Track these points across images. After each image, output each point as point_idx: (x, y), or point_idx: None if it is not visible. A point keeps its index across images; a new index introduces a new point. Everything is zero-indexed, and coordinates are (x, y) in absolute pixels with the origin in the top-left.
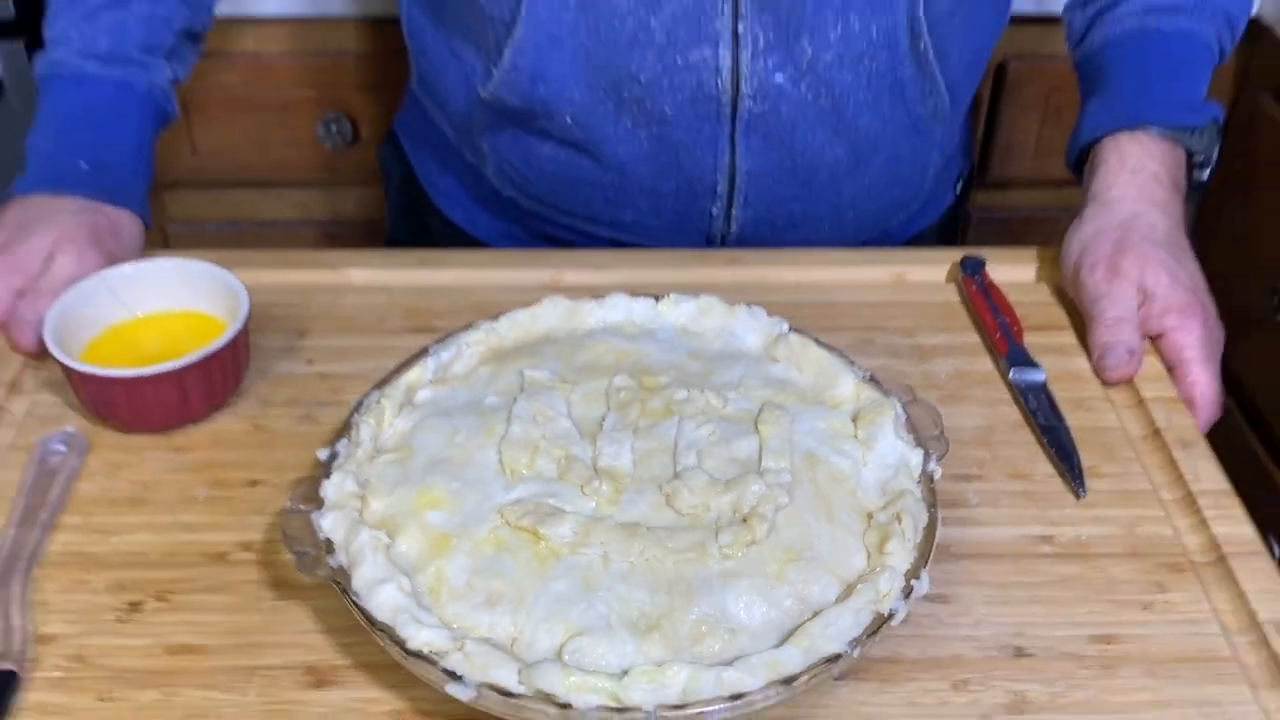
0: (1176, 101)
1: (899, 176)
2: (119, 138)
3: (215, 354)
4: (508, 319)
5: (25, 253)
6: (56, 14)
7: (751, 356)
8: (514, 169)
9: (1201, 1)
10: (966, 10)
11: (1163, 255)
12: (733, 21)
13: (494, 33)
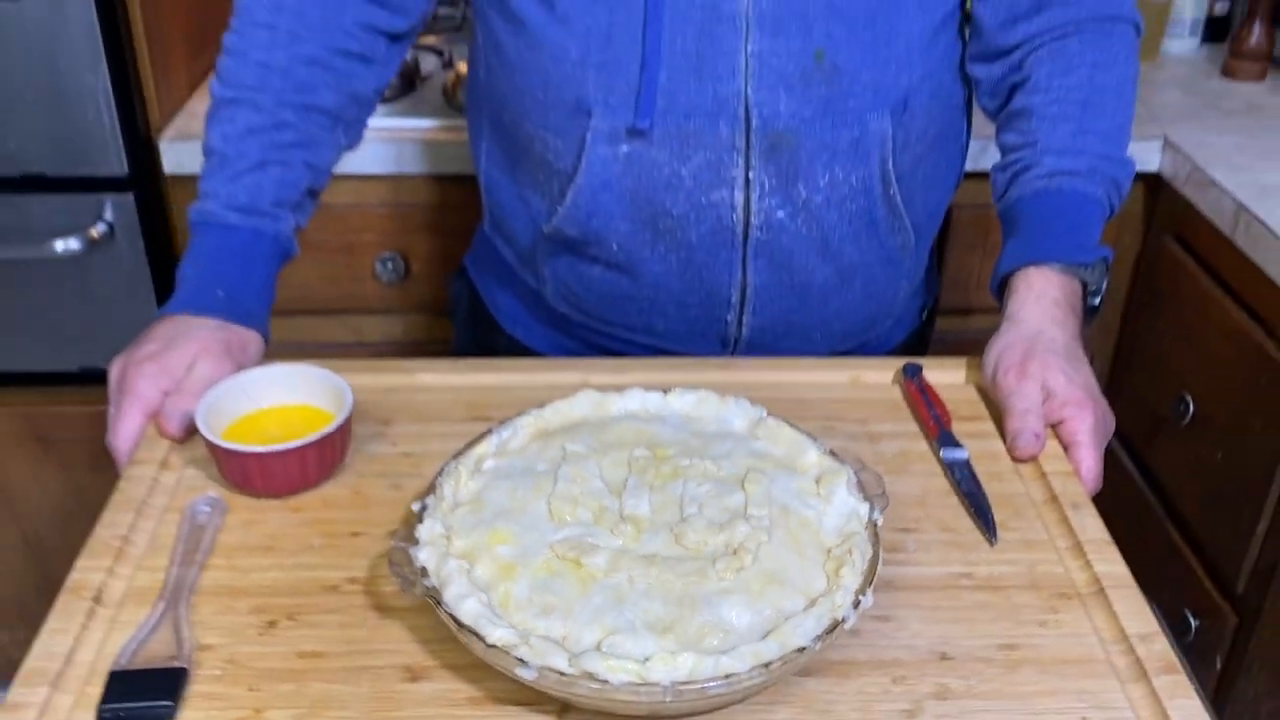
0: (1073, 244)
1: (875, 297)
2: (250, 274)
3: (327, 436)
4: (551, 408)
5: (172, 360)
6: (210, 174)
7: (739, 435)
8: (568, 289)
9: (1094, 169)
10: (928, 167)
11: (1061, 362)
12: (745, 170)
13: (558, 182)
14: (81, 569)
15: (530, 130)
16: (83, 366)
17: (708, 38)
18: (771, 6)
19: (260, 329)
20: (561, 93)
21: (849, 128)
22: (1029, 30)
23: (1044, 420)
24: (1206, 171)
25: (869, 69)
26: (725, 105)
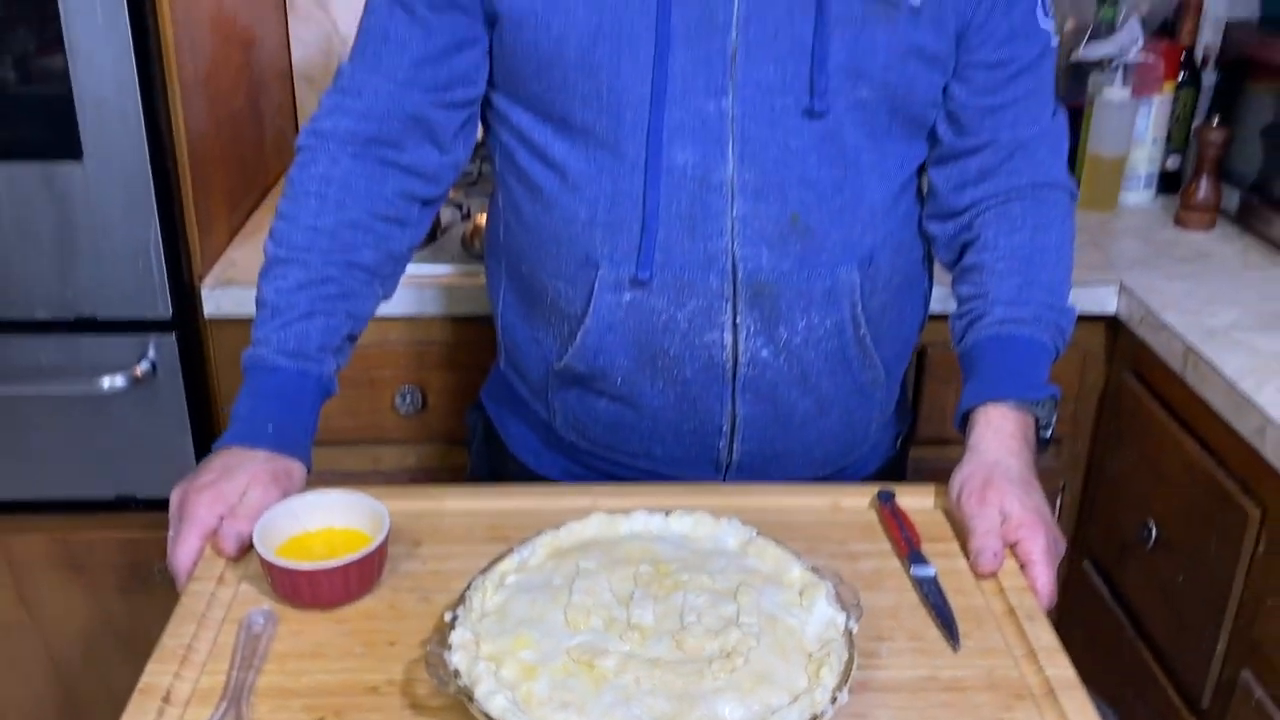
0: (1024, 384)
1: (851, 426)
2: (296, 411)
3: (367, 556)
4: (565, 529)
5: (228, 488)
6: (262, 323)
7: (731, 553)
8: (577, 419)
9: (1038, 317)
10: (894, 311)
11: (1016, 489)
12: (733, 315)
13: (569, 324)
14: (151, 673)
15: (545, 280)
16: (119, 494)
17: (699, 203)
18: (753, 177)
19: (304, 459)
20: (573, 248)
21: (822, 279)
22: (976, 195)
23: (1002, 541)
24: (1159, 315)
25: (837, 229)
26: (715, 260)
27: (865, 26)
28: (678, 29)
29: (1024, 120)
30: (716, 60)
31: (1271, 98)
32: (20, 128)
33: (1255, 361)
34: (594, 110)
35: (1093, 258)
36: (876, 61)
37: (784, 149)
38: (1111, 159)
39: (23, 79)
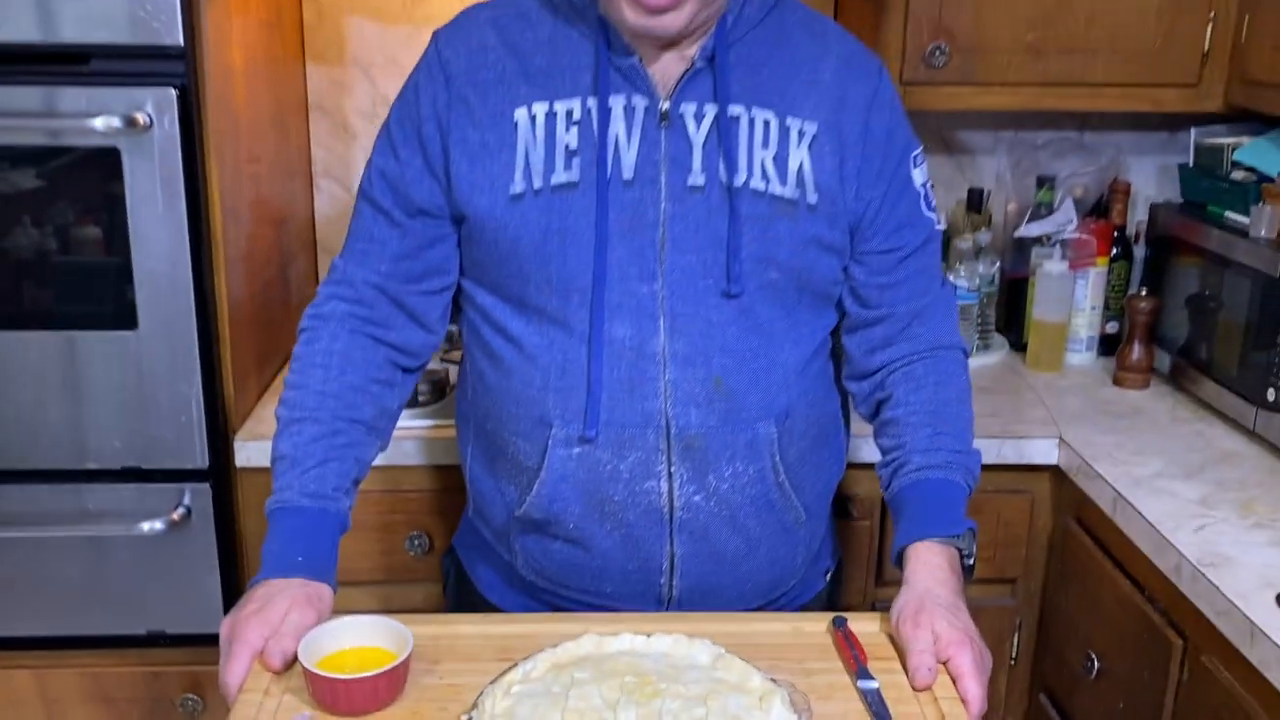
0: (945, 522)
1: (777, 563)
2: (320, 543)
3: (393, 669)
4: (562, 647)
5: (271, 613)
6: (282, 473)
7: (703, 666)
8: (535, 560)
9: (950, 461)
10: (811, 460)
11: (945, 612)
12: (668, 466)
13: (526, 476)
14: None
15: (506, 437)
16: (149, 630)
17: (636, 370)
18: (681, 347)
19: (330, 583)
20: (530, 410)
21: (743, 433)
22: (884, 358)
23: (935, 658)
24: (1092, 465)
25: (755, 390)
26: (651, 418)
27: (771, 222)
28: (614, 227)
29: (916, 294)
30: (648, 251)
31: (1194, 272)
32: (84, 302)
33: (1175, 506)
34: (545, 294)
35: (1038, 414)
36: (782, 250)
37: (707, 323)
38: (1054, 324)
39: (89, 259)
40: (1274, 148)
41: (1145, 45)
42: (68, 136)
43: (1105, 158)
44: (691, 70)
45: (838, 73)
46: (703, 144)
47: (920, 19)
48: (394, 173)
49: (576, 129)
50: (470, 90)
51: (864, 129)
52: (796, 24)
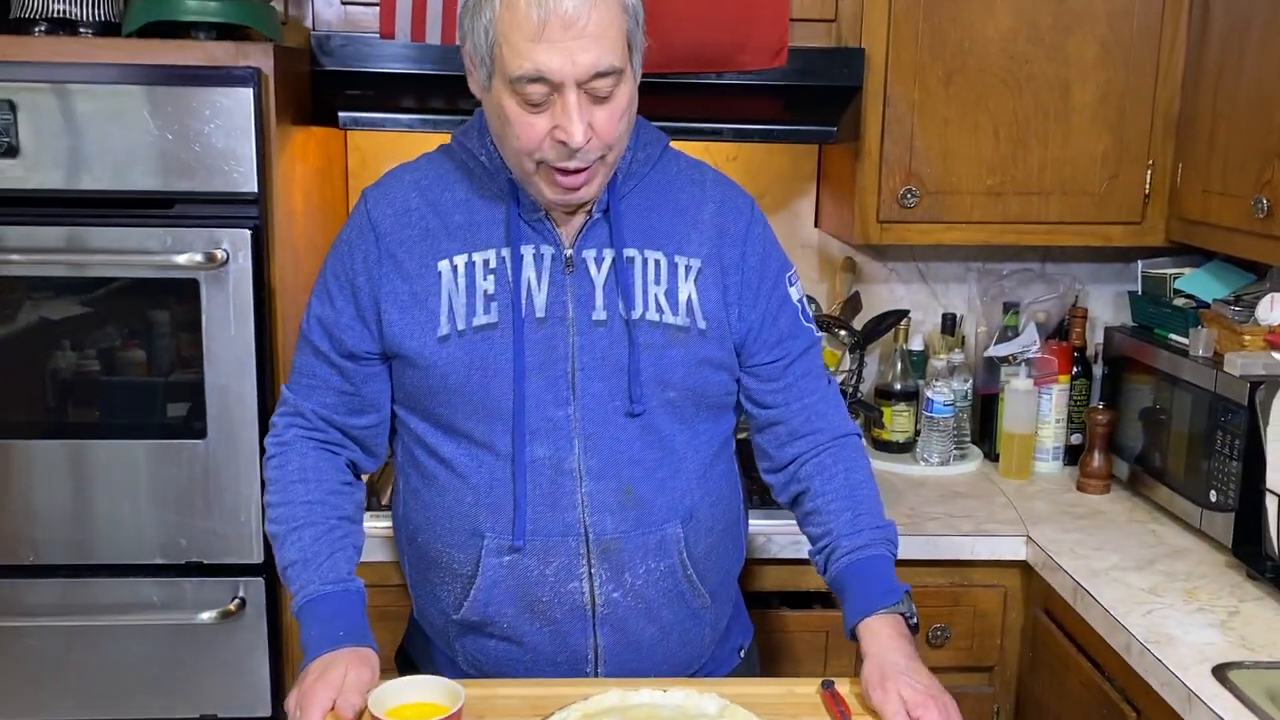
0: (883, 593)
1: (687, 644)
2: (353, 616)
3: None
4: (592, 700)
5: (333, 677)
6: (297, 576)
7: (711, 715)
8: (474, 657)
9: (873, 538)
10: (716, 553)
11: (906, 676)
12: (588, 568)
13: (461, 583)
14: None
15: (440, 548)
16: (201, 714)
17: (556, 486)
18: (595, 463)
19: (374, 646)
20: (463, 523)
21: (653, 534)
22: (794, 451)
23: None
24: (1056, 560)
25: (662, 495)
26: (571, 528)
27: (666, 349)
28: (530, 360)
29: (806, 393)
30: (561, 380)
31: (1146, 388)
32: (162, 414)
33: (1127, 593)
34: (473, 421)
35: (1008, 515)
36: (677, 372)
37: (615, 440)
38: (1022, 435)
39: (168, 378)
40: (1210, 277)
41: (1093, 189)
42: (157, 270)
43: (1063, 286)
44: (590, 221)
45: (715, 213)
46: (603, 284)
47: (893, 166)
48: (329, 319)
49: (493, 276)
50: (398, 247)
51: (740, 259)
52: (679, 173)
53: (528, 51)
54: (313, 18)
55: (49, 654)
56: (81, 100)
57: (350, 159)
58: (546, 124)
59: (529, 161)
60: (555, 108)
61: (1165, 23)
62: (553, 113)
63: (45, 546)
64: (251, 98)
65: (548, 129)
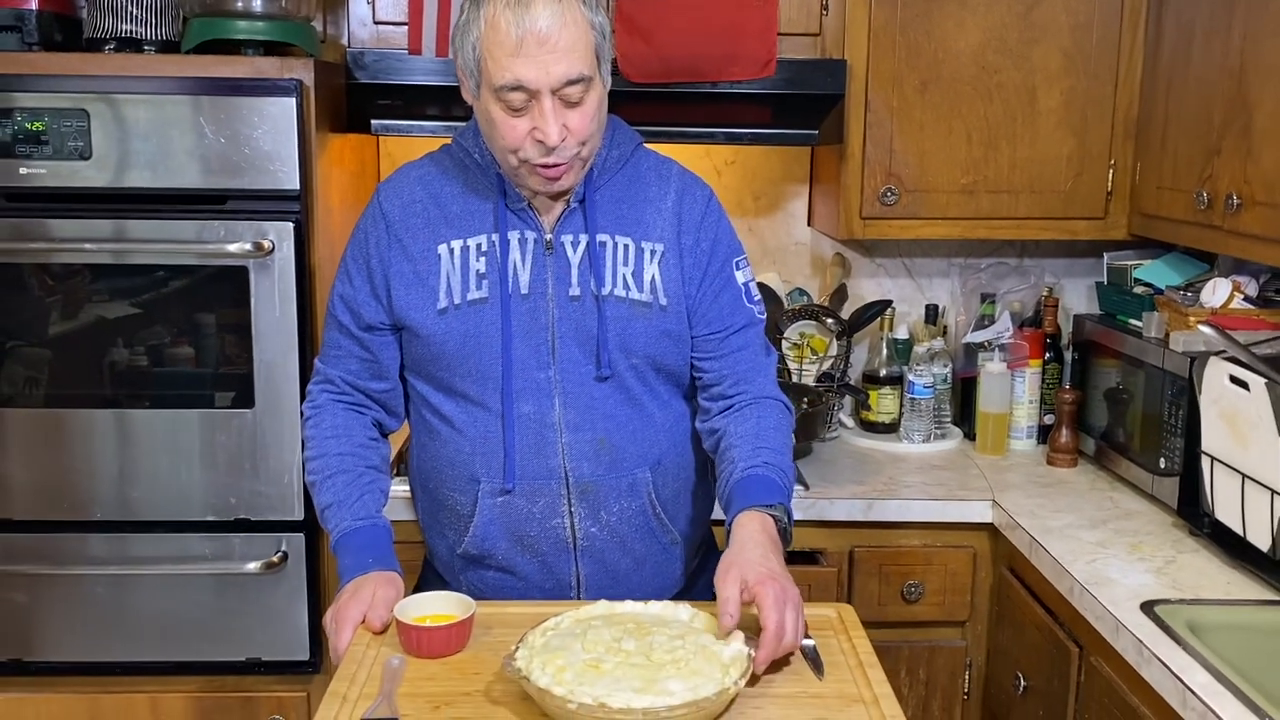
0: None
1: (660, 575)
2: (381, 546)
3: (462, 623)
4: (583, 609)
5: (363, 594)
6: (333, 515)
7: (684, 620)
8: (475, 588)
9: (766, 462)
10: (683, 497)
11: (752, 564)
12: (569, 507)
13: (462, 522)
14: (334, 687)
15: (445, 492)
16: (248, 658)
17: (540, 437)
18: (573, 417)
19: (399, 570)
20: (462, 470)
21: (625, 478)
22: (720, 407)
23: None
24: (1016, 520)
25: (633, 445)
26: (554, 472)
27: (630, 321)
28: (516, 330)
29: (741, 364)
30: (543, 348)
31: (1112, 371)
32: (213, 386)
33: (1076, 546)
34: (467, 382)
35: (979, 484)
36: (638, 342)
37: (590, 398)
38: (997, 415)
39: (221, 352)
40: (1166, 267)
41: (1059, 186)
42: (210, 259)
43: (1034, 278)
44: (568, 210)
45: (676, 201)
46: (578, 264)
47: (875, 166)
48: (350, 296)
49: (484, 258)
50: (404, 233)
51: (695, 242)
52: (648, 169)
53: (508, 64)
54: (348, 35)
55: (111, 601)
56: (145, 109)
57: (382, 163)
58: (527, 126)
59: (513, 158)
60: (534, 112)
61: (1124, 33)
62: (531, 116)
63: (108, 504)
64: (294, 106)
65: (528, 130)
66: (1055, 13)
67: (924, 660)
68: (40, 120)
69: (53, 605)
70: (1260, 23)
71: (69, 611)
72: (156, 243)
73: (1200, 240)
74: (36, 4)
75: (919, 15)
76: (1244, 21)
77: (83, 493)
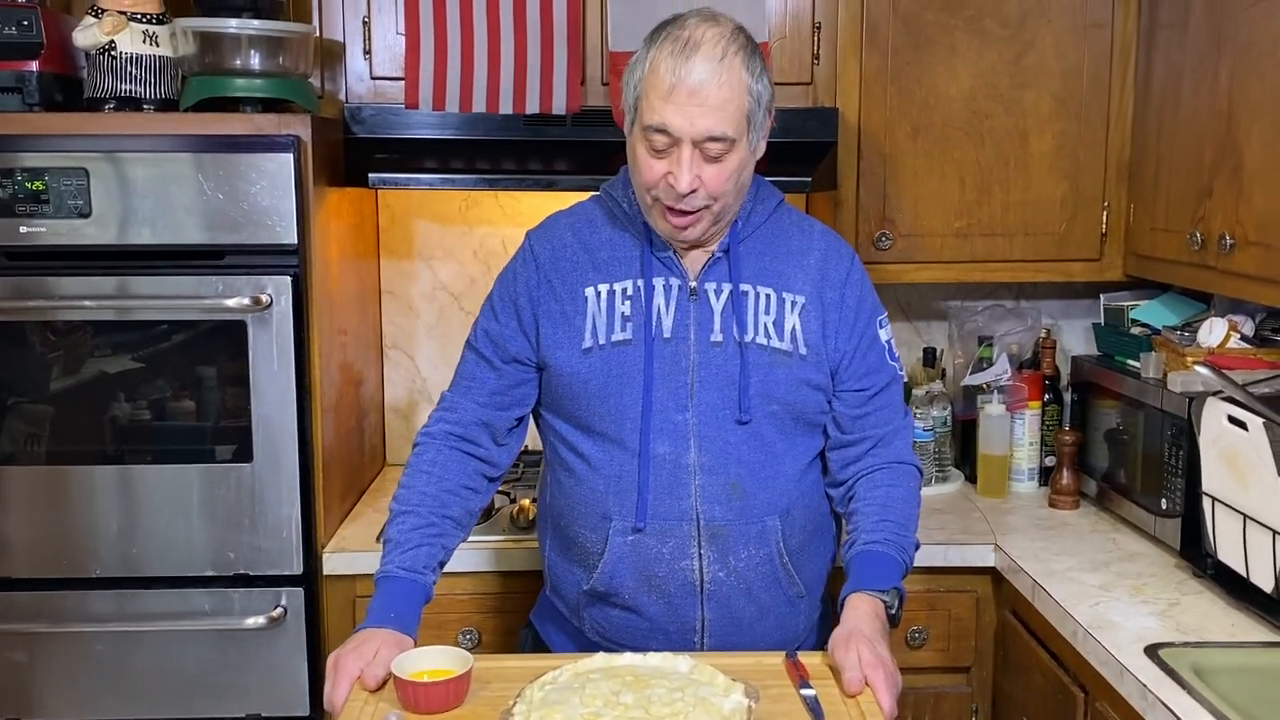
0: (875, 581)
1: (782, 627)
2: (409, 606)
3: (460, 678)
4: (581, 662)
5: (365, 651)
6: (388, 553)
7: (683, 673)
8: (599, 626)
9: (888, 539)
10: (810, 548)
11: (867, 642)
12: (699, 549)
13: (592, 559)
14: None
15: (576, 529)
16: (248, 714)
17: (674, 478)
18: (707, 460)
19: (413, 636)
20: (595, 508)
21: (755, 524)
22: (854, 471)
23: (861, 673)
24: (1019, 563)
25: (764, 491)
26: (685, 514)
27: (772, 368)
28: (657, 373)
29: (881, 423)
30: (681, 391)
31: (1111, 412)
32: (212, 440)
33: (1079, 589)
34: (606, 421)
35: (981, 528)
36: (780, 389)
37: (725, 443)
38: (998, 457)
39: (218, 407)
40: (1163, 307)
41: (1053, 229)
42: (209, 313)
43: (1031, 319)
44: (712, 259)
45: (820, 259)
46: (721, 311)
47: (869, 211)
48: (495, 331)
49: (630, 302)
50: (554, 275)
51: (840, 299)
52: (791, 224)
53: (659, 108)
54: (345, 91)
55: (110, 658)
56: (144, 167)
57: (381, 216)
58: (664, 169)
59: (648, 195)
60: (673, 157)
61: (1113, 77)
62: (670, 161)
63: (107, 560)
64: (292, 162)
65: (664, 172)
66: (1045, 58)
67: (929, 707)
68: (40, 179)
69: (52, 664)
70: (1246, 64)
71: (68, 670)
72: (156, 299)
73: (1195, 280)
74: (37, 65)
75: (909, 62)
76: (1230, 63)
77: (82, 550)
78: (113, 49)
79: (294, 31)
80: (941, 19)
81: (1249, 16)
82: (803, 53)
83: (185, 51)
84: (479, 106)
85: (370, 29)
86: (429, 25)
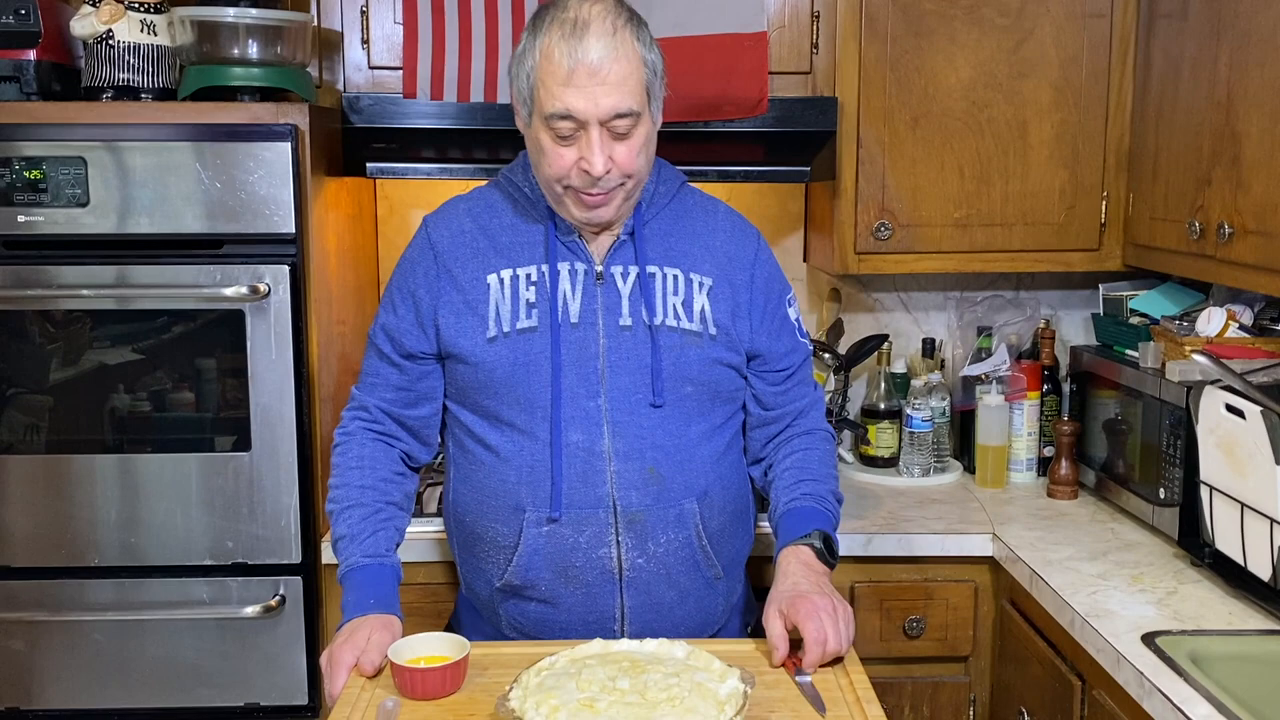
0: (798, 532)
1: (702, 610)
2: (385, 588)
3: (457, 663)
4: (578, 648)
5: (358, 639)
6: (345, 547)
7: (679, 658)
8: (515, 621)
9: (806, 494)
10: (728, 530)
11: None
12: (616, 537)
13: (504, 554)
14: None
15: (486, 524)
16: (246, 702)
17: (588, 466)
18: (622, 446)
19: (399, 615)
20: (506, 499)
21: (673, 509)
22: (773, 447)
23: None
24: (1016, 553)
25: (680, 475)
26: (601, 501)
27: (684, 350)
28: (565, 359)
29: (799, 397)
30: (592, 377)
31: (1110, 401)
32: (211, 430)
33: (1077, 578)
34: (515, 411)
35: (979, 518)
36: (693, 370)
37: (640, 427)
38: (996, 447)
39: (217, 396)
40: (1161, 297)
41: (1053, 219)
42: (207, 302)
43: (1030, 310)
44: (618, 242)
45: (725, 240)
46: (629, 295)
47: (868, 202)
48: (392, 325)
49: (534, 287)
50: (453, 263)
51: (749, 280)
52: (695, 205)
53: (559, 94)
54: (344, 80)
55: (109, 647)
56: (142, 156)
57: (379, 206)
58: (574, 155)
59: (558, 186)
60: (581, 142)
61: (1113, 66)
62: (579, 146)
63: (107, 550)
64: (290, 151)
65: (575, 160)
66: (1044, 47)
67: (927, 696)
68: (38, 169)
69: (51, 652)
70: (1245, 54)
71: (67, 659)
72: (154, 288)
73: (1194, 270)
74: (35, 54)
75: (909, 51)
76: (1229, 53)
77: (82, 539)
78: (110, 38)
79: (292, 21)
80: (941, 8)
81: (1248, 6)
82: (801, 42)
83: (183, 40)
84: (477, 96)
85: (368, 18)
86: (427, 15)
